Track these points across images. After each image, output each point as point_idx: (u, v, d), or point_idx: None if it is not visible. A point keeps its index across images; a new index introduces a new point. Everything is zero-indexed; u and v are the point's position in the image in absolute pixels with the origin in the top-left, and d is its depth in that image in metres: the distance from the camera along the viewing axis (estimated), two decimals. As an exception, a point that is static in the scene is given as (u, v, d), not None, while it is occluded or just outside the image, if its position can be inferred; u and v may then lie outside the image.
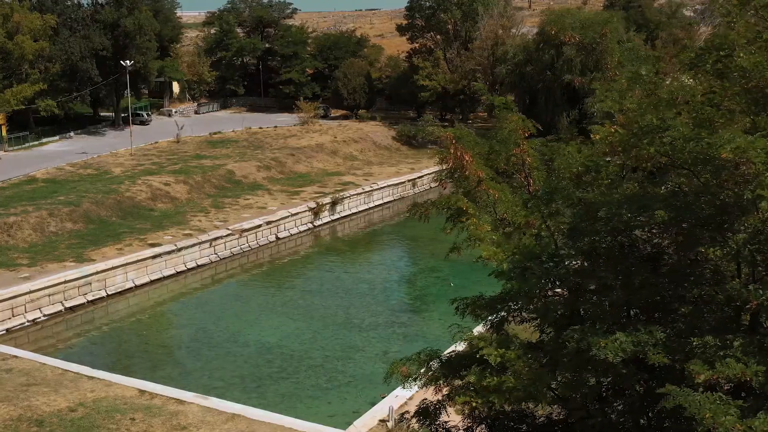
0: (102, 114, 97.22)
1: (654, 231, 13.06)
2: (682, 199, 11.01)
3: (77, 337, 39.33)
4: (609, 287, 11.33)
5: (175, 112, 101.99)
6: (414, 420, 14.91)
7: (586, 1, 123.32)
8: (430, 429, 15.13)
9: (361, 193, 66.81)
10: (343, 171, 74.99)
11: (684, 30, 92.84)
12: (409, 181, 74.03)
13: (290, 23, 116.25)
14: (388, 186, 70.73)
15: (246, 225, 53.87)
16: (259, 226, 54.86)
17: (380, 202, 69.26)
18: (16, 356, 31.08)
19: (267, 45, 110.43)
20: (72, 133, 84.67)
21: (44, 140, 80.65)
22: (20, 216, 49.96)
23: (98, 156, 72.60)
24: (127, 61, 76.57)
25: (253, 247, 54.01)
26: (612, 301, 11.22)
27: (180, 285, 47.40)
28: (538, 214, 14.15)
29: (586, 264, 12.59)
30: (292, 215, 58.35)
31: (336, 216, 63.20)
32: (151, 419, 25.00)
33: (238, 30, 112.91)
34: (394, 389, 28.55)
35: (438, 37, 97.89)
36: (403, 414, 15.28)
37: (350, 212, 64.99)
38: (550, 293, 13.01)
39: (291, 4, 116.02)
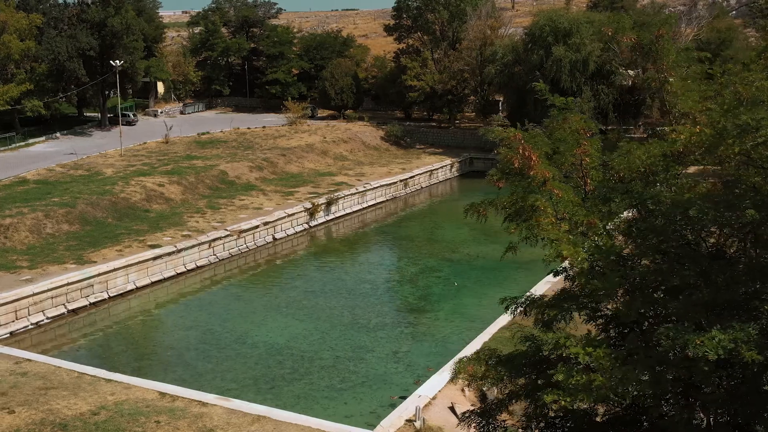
0: (86, 114, 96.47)
1: (713, 230, 13.25)
2: (766, 198, 11.17)
3: (82, 339, 38.93)
4: (693, 286, 11.45)
5: (161, 112, 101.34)
6: (475, 419, 14.97)
7: (569, 1, 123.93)
8: (488, 429, 15.19)
9: (354, 194, 66.75)
10: (335, 171, 74.90)
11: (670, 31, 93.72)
12: (401, 181, 74.08)
13: (275, 23, 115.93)
14: (381, 186, 70.73)
15: (244, 226, 53.63)
16: (257, 226, 54.63)
17: (373, 202, 69.25)
18: (29, 359, 30.73)
19: (252, 45, 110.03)
20: (58, 134, 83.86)
21: (30, 141, 79.77)
22: (16, 218, 49.38)
23: (87, 157, 71.98)
24: (118, 61, 75.89)
25: (250, 248, 53.79)
26: (696, 299, 11.34)
27: (180, 286, 47.10)
28: (597, 214, 14.27)
29: (654, 263, 12.72)
30: (289, 216, 58.18)
31: (331, 216, 63.13)
32: (176, 422, 24.83)
33: (223, 30, 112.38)
34: (416, 389, 28.71)
35: (425, 37, 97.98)
36: (464, 413, 15.27)
37: (344, 213, 64.94)
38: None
39: (276, 3, 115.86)
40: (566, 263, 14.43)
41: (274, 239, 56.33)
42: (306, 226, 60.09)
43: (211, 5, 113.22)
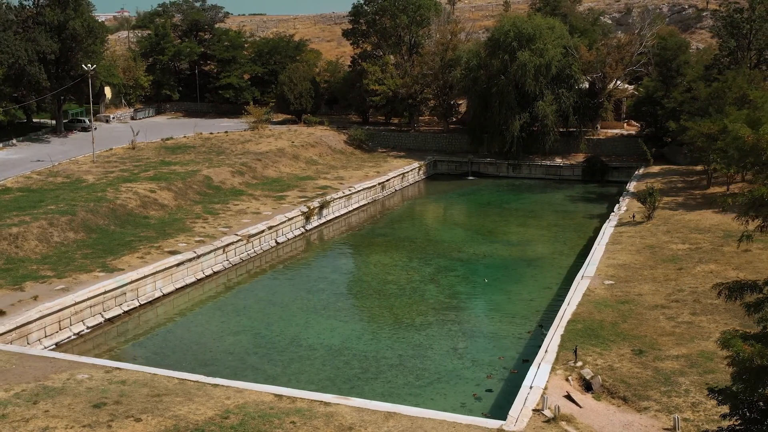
0: (35, 120, 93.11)
1: None
2: None
3: (127, 345, 38.00)
4: None
5: (113, 117, 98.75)
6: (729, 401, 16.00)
7: (507, 7, 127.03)
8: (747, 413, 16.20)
9: (342, 197, 67.06)
10: (313, 175, 74.91)
11: (605, 36, 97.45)
12: (379, 184, 74.74)
13: (223, 27, 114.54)
14: (364, 189, 71.24)
15: (252, 230, 53.24)
16: (263, 231, 54.35)
17: (357, 205, 69.71)
18: (118, 368, 29.97)
19: (202, 49, 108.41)
20: (14, 141, 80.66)
21: (-12, 148, 76.64)
22: (21, 227, 47.69)
23: (59, 164, 69.84)
24: (89, 65, 73.63)
25: (257, 252, 53.51)
26: None
27: (200, 292, 46.48)
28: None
29: None
30: (289, 220, 58.06)
31: (323, 220, 63.31)
32: (311, 421, 24.88)
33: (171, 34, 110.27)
34: (523, 379, 29.41)
35: (383, 42, 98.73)
36: (721, 393, 16.25)
37: (334, 216, 65.19)
38: None
39: (223, 7, 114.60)
40: None
41: (277, 243, 56.15)
42: (303, 230, 60.10)
43: (156, 8, 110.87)
